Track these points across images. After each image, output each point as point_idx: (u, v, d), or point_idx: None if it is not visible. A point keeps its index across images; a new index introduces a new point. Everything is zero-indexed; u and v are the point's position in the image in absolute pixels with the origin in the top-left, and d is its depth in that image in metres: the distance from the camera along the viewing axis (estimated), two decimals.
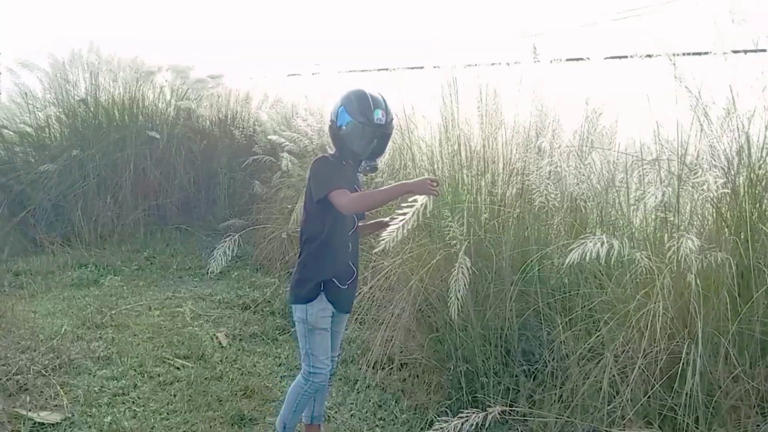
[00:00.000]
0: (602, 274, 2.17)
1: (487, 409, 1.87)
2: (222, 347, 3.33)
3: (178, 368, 3.02)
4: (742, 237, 1.88)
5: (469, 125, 3.30)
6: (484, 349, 2.63)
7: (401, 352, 2.98)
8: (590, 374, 2.11)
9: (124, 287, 4.29)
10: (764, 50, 1.94)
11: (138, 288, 4.35)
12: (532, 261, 2.41)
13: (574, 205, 2.74)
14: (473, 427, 1.82)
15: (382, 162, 3.44)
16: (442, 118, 3.40)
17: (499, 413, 2.34)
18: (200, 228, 5.88)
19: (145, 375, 2.92)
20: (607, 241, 1.65)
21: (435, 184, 1.96)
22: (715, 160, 1.98)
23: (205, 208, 6.31)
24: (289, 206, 4.44)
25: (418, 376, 2.87)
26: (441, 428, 1.75)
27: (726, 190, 1.85)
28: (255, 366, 3.10)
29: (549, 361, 2.38)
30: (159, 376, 2.92)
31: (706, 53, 1.94)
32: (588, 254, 1.64)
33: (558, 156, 2.76)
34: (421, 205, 1.88)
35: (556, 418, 2.18)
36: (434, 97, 3.48)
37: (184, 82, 6.43)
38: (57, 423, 2.46)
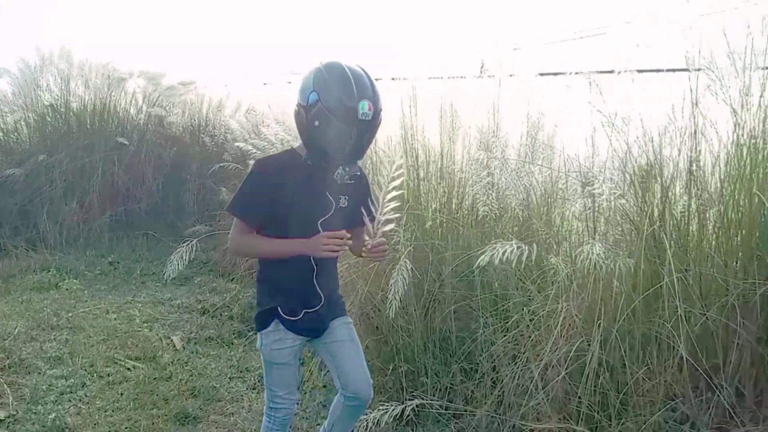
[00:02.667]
0: (526, 278, 2.30)
1: (423, 406, 1.97)
2: (175, 350, 3.38)
3: (128, 369, 3.07)
4: (649, 243, 2.02)
5: (425, 138, 3.44)
6: (425, 349, 2.74)
7: None
8: (515, 373, 2.23)
9: (85, 291, 4.32)
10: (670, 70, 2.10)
11: (98, 292, 4.38)
12: (461, 260, 2.53)
13: (513, 214, 2.88)
14: (395, 419, 1.92)
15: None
16: (402, 131, 3.53)
17: (436, 411, 2.47)
18: (168, 234, 5.91)
19: (95, 375, 2.98)
20: (517, 246, 1.78)
21: (335, 240, 1.64)
22: (625, 174, 2.13)
23: (174, 215, 6.35)
24: None
25: None
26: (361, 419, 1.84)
27: (621, 201, 1.99)
28: (205, 368, 3.16)
29: (483, 361, 2.50)
30: (108, 375, 2.97)
31: (610, 72, 2.10)
32: (497, 258, 1.76)
33: (498, 169, 2.90)
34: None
35: (485, 414, 2.29)
36: (393, 110, 3.61)
37: (155, 89, 6.50)
38: (0, 420, 2.50)
